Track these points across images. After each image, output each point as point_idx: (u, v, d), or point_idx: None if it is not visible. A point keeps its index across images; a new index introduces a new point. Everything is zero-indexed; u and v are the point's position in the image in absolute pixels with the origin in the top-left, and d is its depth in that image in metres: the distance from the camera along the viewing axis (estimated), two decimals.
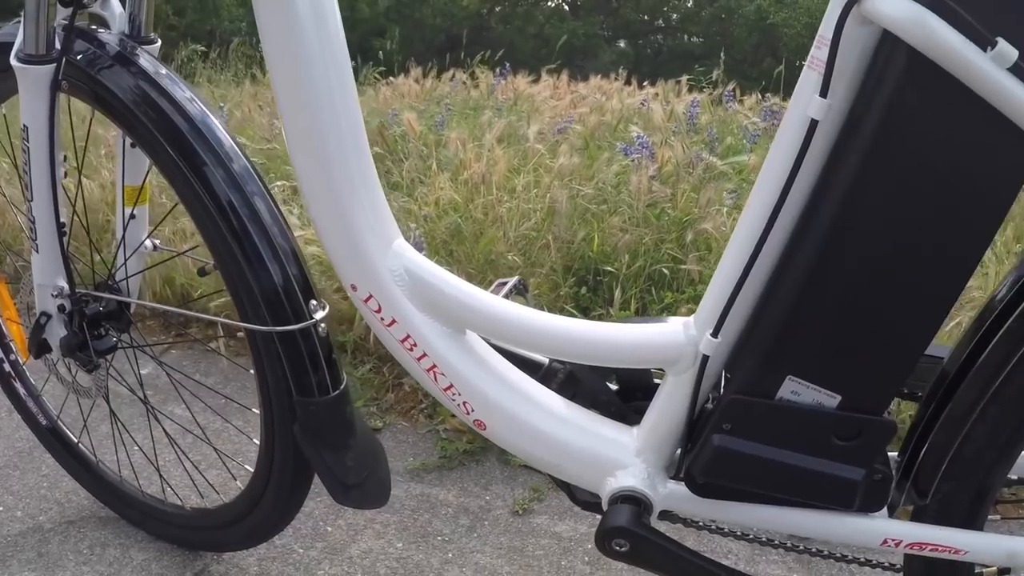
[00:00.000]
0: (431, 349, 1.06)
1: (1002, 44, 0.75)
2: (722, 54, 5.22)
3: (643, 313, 2.34)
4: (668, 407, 1.02)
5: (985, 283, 2.30)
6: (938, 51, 0.76)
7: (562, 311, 2.32)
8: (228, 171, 1.17)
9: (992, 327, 0.98)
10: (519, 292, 1.33)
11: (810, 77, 0.84)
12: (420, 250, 2.37)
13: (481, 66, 5.78)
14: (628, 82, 5.73)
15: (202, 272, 1.39)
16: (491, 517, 1.80)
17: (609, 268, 2.43)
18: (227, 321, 1.37)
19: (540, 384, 1.11)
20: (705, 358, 0.96)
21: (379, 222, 1.04)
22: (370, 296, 1.05)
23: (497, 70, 5.03)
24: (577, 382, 1.12)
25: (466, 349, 1.07)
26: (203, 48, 7.83)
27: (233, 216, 1.16)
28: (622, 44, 30.36)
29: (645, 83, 5.76)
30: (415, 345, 1.06)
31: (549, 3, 33.45)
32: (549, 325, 1.04)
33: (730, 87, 4.83)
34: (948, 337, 1.92)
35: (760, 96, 5.74)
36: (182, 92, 1.20)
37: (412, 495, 1.86)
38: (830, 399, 0.94)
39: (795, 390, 0.94)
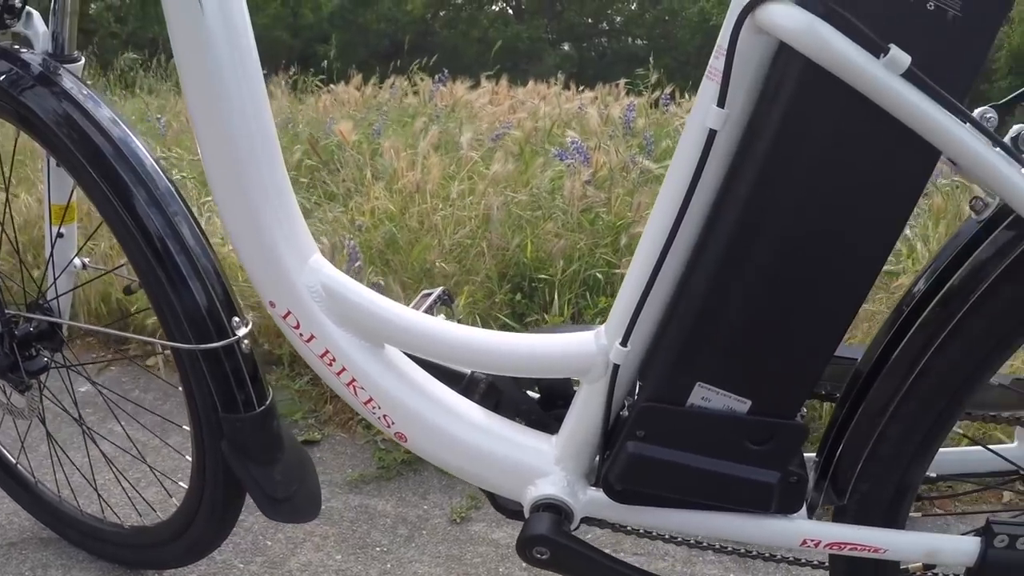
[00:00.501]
0: (349, 363, 1.06)
1: (894, 51, 0.76)
2: (651, 59, 5.25)
3: (578, 319, 2.36)
4: (584, 415, 1.03)
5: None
6: (832, 60, 0.77)
7: (497, 319, 2.34)
8: (150, 192, 1.17)
9: (905, 323, 1.00)
10: (444, 303, 1.34)
11: (708, 87, 0.85)
12: (355, 261, 2.39)
13: (421, 73, 5.77)
14: (567, 86, 5.75)
15: (128, 291, 1.39)
16: (429, 526, 1.81)
17: (544, 275, 2.45)
18: (151, 340, 1.37)
19: (461, 395, 1.12)
20: (616, 367, 0.97)
21: (295, 238, 1.05)
22: (288, 312, 1.06)
23: (436, 77, 5.03)
24: (498, 392, 1.14)
25: (384, 363, 1.08)
26: (142, 57, 7.76)
27: (155, 236, 1.16)
28: (566, 47, 30.47)
29: (583, 88, 5.78)
30: (334, 360, 1.07)
31: (493, 7, 33.52)
32: (462, 337, 1.05)
33: (668, 90, 4.85)
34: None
35: None
36: (104, 113, 1.20)
37: (351, 506, 1.87)
38: (740, 404, 0.95)
39: (705, 396, 0.95)
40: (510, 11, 31.95)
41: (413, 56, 6.42)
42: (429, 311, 1.26)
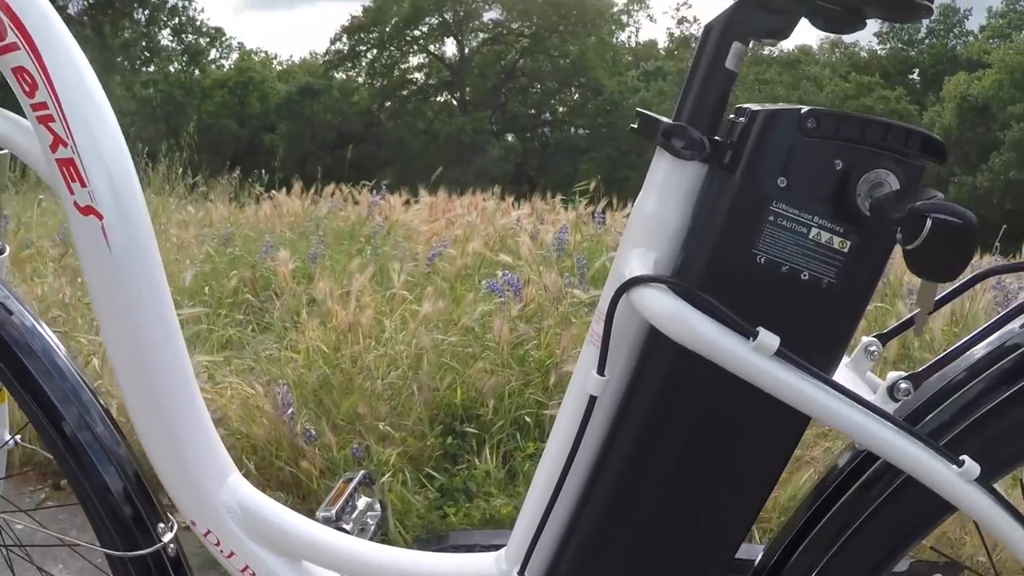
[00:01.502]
0: None
1: (763, 334, 0.79)
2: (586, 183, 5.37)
3: (508, 463, 2.41)
4: None
5: None
6: (702, 345, 0.80)
7: (428, 462, 2.39)
8: (60, 388, 1.18)
9: (805, 527, 1.01)
10: (366, 485, 1.39)
11: (589, 351, 0.90)
12: (288, 408, 2.43)
13: (357, 187, 5.87)
14: (503, 197, 5.86)
15: (57, 486, 1.41)
16: None
17: (475, 416, 2.50)
18: (76, 543, 1.40)
19: None
20: None
21: (213, 459, 1.09)
22: (208, 531, 1.10)
23: (373, 191, 5.15)
24: None
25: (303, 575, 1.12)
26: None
27: (71, 437, 1.17)
28: (510, 138, 30.93)
29: (520, 199, 5.91)
30: (254, 574, 1.11)
31: (438, 99, 33.97)
32: (369, 554, 1.09)
33: (602, 205, 4.98)
34: None
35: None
36: (15, 305, 1.22)
37: None
38: None
39: None
40: (455, 103, 32.42)
41: (360, 148, 6.52)
42: (351, 496, 1.31)
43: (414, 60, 32.90)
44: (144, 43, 28.58)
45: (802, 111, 0.82)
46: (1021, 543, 0.88)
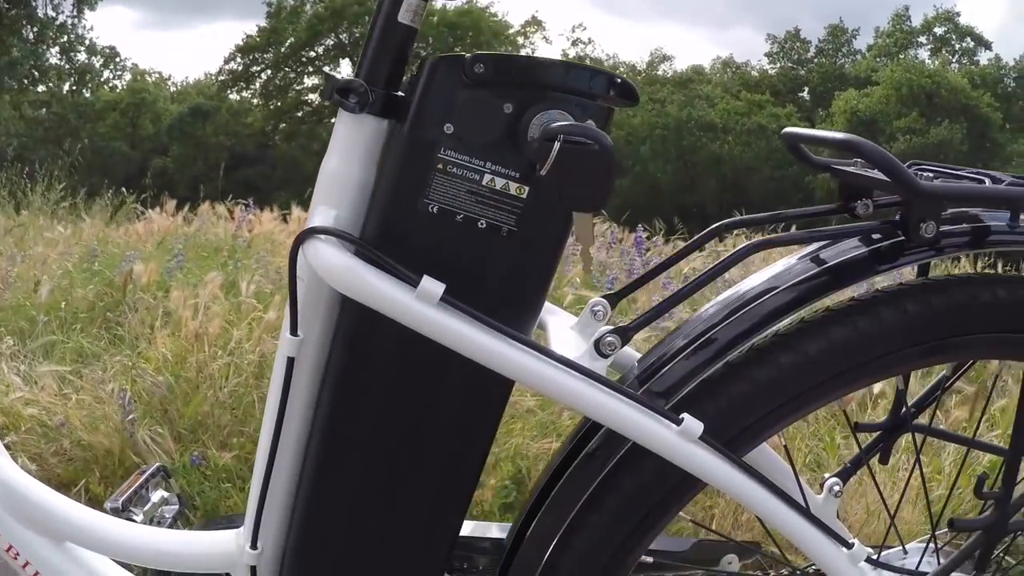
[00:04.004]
0: (33, 558, 1.10)
1: (426, 281, 0.81)
2: None
3: None
4: None
5: None
6: (366, 296, 0.82)
7: None
8: None
9: (541, 497, 1.00)
10: (163, 478, 1.41)
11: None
12: (129, 413, 2.44)
13: (239, 200, 5.85)
14: None
15: None
16: None
17: None
18: None
19: None
20: (252, 568, 1.01)
21: None
22: None
23: (242, 207, 5.14)
24: None
25: (67, 556, 1.13)
26: None
27: None
28: None
29: None
30: (18, 554, 1.11)
31: (332, 120, 33.39)
32: (125, 534, 1.11)
33: None
34: None
35: None
36: None
37: None
38: None
39: None
40: None
41: (254, 169, 6.51)
42: (143, 487, 1.33)
43: (309, 81, 32.63)
44: (33, 62, 27.83)
45: (467, 56, 0.81)
46: (755, 501, 0.90)
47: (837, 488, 1.13)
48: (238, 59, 33.06)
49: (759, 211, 1.06)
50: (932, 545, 1.13)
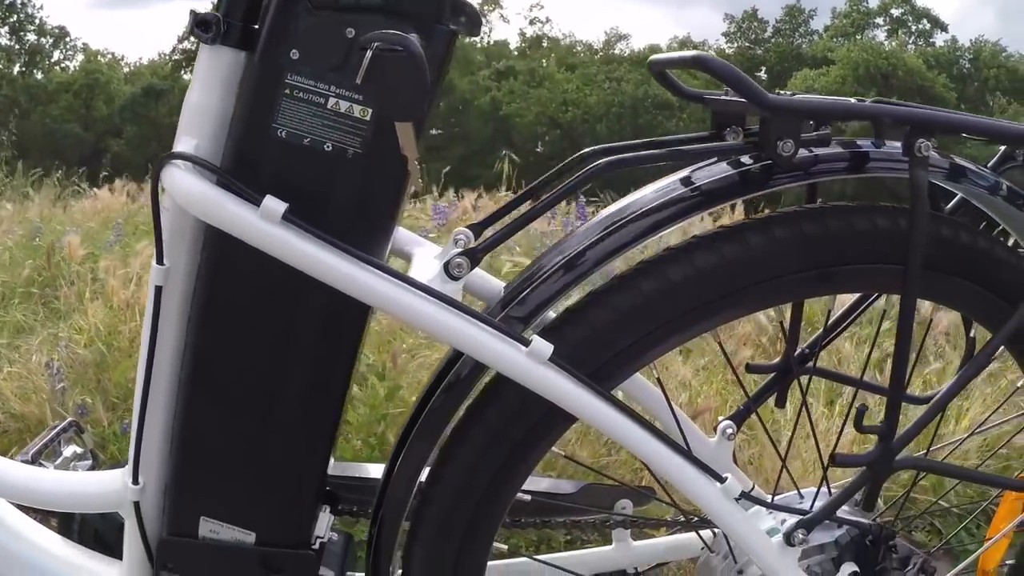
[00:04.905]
0: None
1: (268, 200, 0.82)
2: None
3: None
4: (132, 545, 1.06)
5: None
6: (212, 216, 0.83)
7: None
8: None
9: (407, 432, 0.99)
10: (76, 433, 1.41)
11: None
12: (59, 382, 2.45)
13: None
14: None
15: None
16: None
17: None
18: None
19: (42, 526, 1.16)
20: (136, 503, 1.01)
21: None
22: None
23: None
24: (87, 523, 1.21)
25: None
26: None
27: None
28: None
29: None
30: None
31: None
32: (13, 475, 1.10)
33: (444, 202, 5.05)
34: None
35: (483, 191, 6.04)
36: None
37: None
38: (246, 536, 0.99)
39: (213, 529, 1.00)
40: None
41: None
42: (55, 441, 1.33)
43: None
44: None
45: None
46: (616, 430, 0.90)
47: (730, 431, 1.16)
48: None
49: None
50: (825, 489, 1.12)
